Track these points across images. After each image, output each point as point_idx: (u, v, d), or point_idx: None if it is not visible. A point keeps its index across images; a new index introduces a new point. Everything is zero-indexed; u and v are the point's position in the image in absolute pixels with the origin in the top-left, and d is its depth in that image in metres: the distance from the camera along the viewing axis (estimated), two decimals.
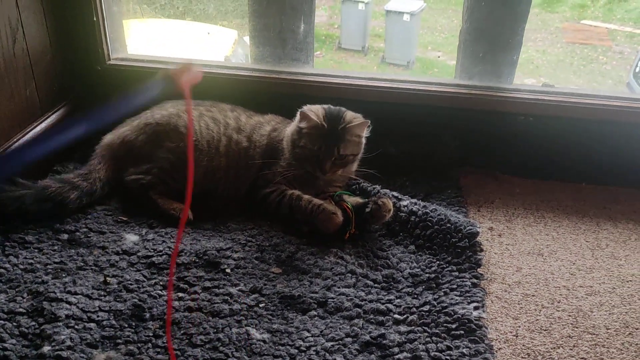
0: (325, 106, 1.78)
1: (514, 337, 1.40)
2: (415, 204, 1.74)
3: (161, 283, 1.50)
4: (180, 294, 1.47)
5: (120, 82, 2.12)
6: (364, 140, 1.79)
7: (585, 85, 6.59)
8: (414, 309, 1.44)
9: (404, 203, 1.75)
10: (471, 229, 1.64)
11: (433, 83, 2.01)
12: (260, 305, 1.45)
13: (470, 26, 2.00)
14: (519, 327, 1.43)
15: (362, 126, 1.73)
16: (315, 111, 1.74)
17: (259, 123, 1.89)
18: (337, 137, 1.71)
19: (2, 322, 1.36)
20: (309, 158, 1.73)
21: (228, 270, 1.56)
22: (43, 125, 1.94)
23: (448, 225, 1.66)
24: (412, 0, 7.04)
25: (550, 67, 7.00)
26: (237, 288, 1.50)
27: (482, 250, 1.64)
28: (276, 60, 2.11)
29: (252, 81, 2.09)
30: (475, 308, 1.43)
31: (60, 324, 1.36)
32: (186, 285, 1.50)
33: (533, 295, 1.54)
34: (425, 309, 1.44)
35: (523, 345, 1.38)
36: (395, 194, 1.79)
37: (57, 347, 1.30)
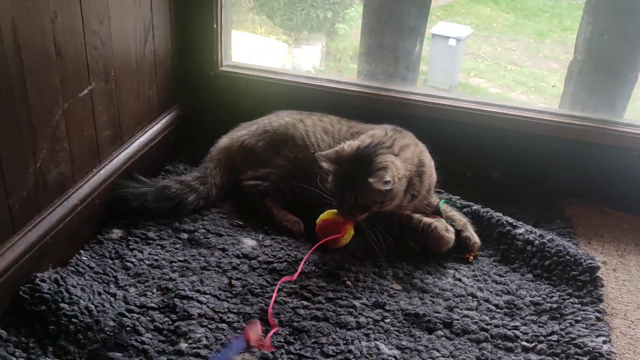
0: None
1: None
2: (531, 232, 1.73)
3: (285, 290, 1.52)
4: (305, 302, 1.49)
5: (228, 88, 2.17)
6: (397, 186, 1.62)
7: None
8: (542, 338, 1.43)
9: (519, 231, 1.74)
10: (591, 263, 1.62)
11: (543, 112, 2.00)
12: (386, 320, 1.46)
13: (588, 58, 1.99)
14: None
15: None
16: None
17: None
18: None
19: (136, 315, 1.40)
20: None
21: (349, 283, 1.57)
22: (159, 125, 1.98)
23: (567, 257, 1.64)
24: (459, 25, 7.02)
25: None
26: (360, 301, 1.51)
27: (602, 285, 1.62)
28: (387, 78, 2.13)
29: (358, 97, 2.11)
30: (604, 342, 1.41)
31: (194, 322, 1.39)
32: (310, 294, 1.51)
33: None
34: (554, 339, 1.42)
35: None
36: (509, 219, 1.78)
37: (194, 345, 1.33)
